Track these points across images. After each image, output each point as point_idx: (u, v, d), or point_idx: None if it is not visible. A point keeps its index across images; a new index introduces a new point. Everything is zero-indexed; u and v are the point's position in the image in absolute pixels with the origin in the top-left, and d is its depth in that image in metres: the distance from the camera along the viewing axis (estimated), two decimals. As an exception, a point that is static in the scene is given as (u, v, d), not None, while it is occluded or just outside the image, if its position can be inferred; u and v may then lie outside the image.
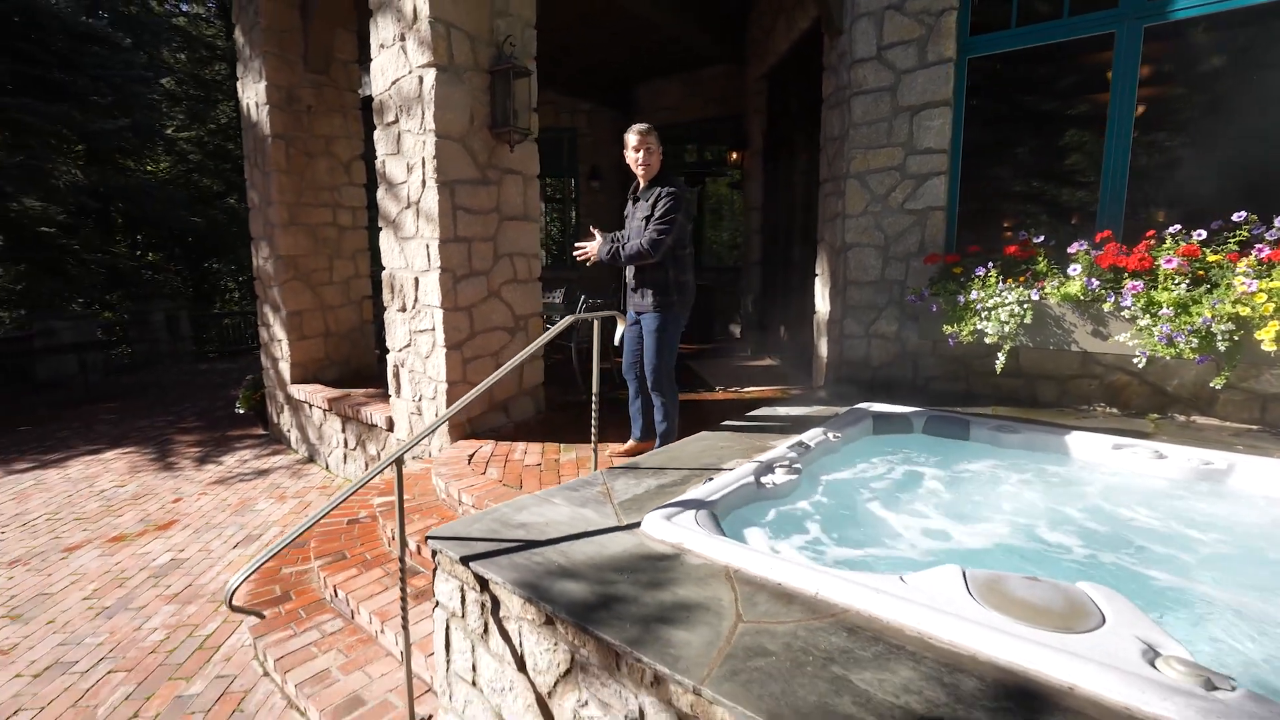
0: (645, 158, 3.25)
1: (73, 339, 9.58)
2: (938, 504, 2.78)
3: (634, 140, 3.25)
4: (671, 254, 3.32)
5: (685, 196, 3.26)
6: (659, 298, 3.32)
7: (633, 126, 3.28)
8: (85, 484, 5.21)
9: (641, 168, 3.29)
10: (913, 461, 3.22)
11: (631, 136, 3.26)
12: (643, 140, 3.24)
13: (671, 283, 3.34)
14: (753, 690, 1.31)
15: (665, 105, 9.05)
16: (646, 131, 3.25)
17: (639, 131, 3.24)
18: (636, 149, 3.26)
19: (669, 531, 2.02)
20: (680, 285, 3.39)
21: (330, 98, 5.74)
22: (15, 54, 10.27)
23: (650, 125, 3.32)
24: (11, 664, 2.86)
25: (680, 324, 3.44)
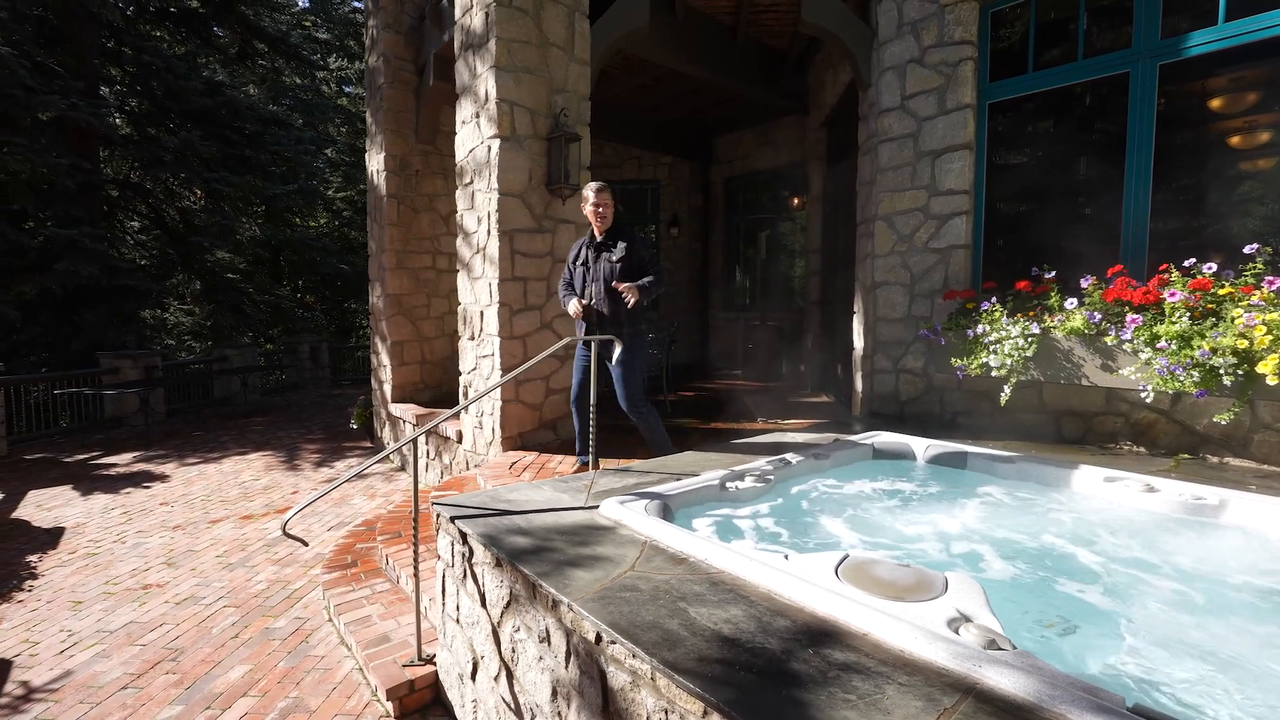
0: (605, 210, 3.70)
1: (239, 364, 11.56)
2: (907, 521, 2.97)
3: (593, 198, 3.70)
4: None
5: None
6: (633, 328, 3.76)
7: (589, 184, 3.74)
8: (232, 476, 6.45)
9: (600, 220, 3.72)
10: (900, 486, 3.39)
11: (590, 194, 3.71)
12: (600, 198, 3.70)
13: (641, 315, 3.82)
14: (609, 609, 1.73)
15: (739, 155, 9.61)
16: (602, 188, 3.71)
17: (596, 190, 3.70)
18: (597, 204, 3.69)
19: (614, 511, 2.46)
20: (645, 317, 3.90)
21: (434, 163, 6.85)
22: (221, 138, 12.83)
23: (605, 184, 3.76)
24: (163, 594, 3.80)
25: (643, 351, 3.83)
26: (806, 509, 3.04)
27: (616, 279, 3.66)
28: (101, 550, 4.60)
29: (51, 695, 2.88)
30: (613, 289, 3.67)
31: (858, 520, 2.95)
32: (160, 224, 13.78)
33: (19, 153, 9.70)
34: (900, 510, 3.13)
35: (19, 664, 3.15)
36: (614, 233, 3.77)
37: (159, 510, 5.49)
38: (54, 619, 3.60)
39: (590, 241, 3.82)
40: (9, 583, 4.10)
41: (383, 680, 2.64)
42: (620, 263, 3.69)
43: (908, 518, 3.02)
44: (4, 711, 2.77)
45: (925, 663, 1.45)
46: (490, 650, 2.26)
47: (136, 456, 7.49)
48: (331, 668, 2.98)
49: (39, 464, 7.25)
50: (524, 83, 4.60)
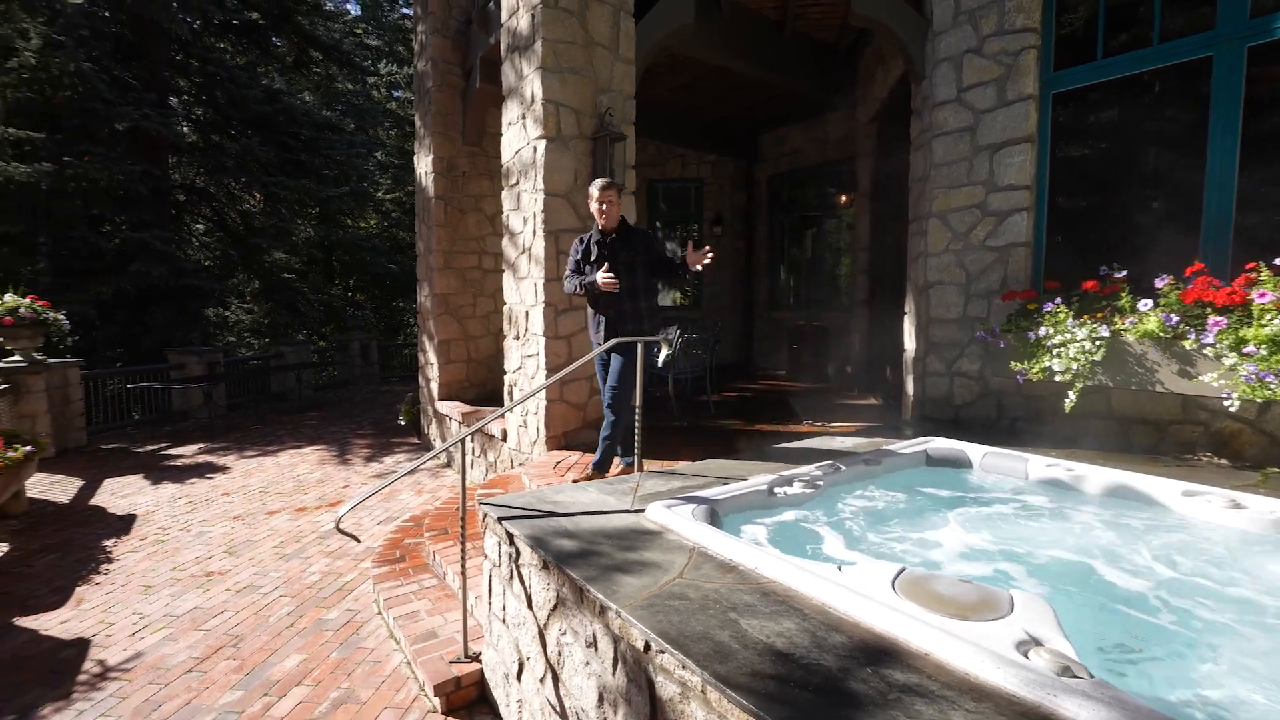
0: (610, 209, 3.62)
1: (295, 361, 12.00)
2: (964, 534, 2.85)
3: (597, 194, 3.61)
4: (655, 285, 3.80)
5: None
6: (650, 323, 3.74)
7: (595, 180, 3.65)
8: (288, 469, 6.69)
9: (605, 218, 3.64)
10: (955, 494, 3.26)
11: (595, 191, 3.61)
12: (605, 194, 3.60)
13: (657, 309, 3.81)
14: (658, 618, 1.70)
15: (786, 152, 9.45)
16: (608, 185, 3.61)
17: (600, 187, 3.60)
18: (602, 201, 3.61)
19: (661, 515, 2.43)
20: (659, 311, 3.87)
21: (480, 164, 6.95)
22: (279, 144, 13.34)
23: (611, 180, 3.67)
24: (224, 582, 3.97)
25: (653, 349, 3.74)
26: (857, 517, 2.95)
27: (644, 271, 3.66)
28: (169, 537, 4.83)
29: (125, 675, 3.02)
30: (637, 286, 3.65)
31: (910, 530, 2.85)
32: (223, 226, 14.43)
33: (98, 161, 10.29)
34: (955, 520, 3.00)
35: (96, 643, 3.32)
36: (625, 229, 3.72)
37: (220, 500, 5.73)
38: (127, 602, 3.79)
39: (601, 239, 3.72)
40: (88, 565, 4.34)
41: (430, 676, 2.68)
42: (643, 257, 3.67)
43: (963, 529, 2.90)
44: (83, 688, 2.93)
45: (994, 688, 1.37)
46: (536, 652, 2.26)
47: (200, 448, 7.85)
48: (381, 660, 3.05)
49: (114, 454, 7.67)
50: (569, 83, 4.61)
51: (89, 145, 10.56)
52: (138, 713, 2.74)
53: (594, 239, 3.77)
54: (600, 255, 3.70)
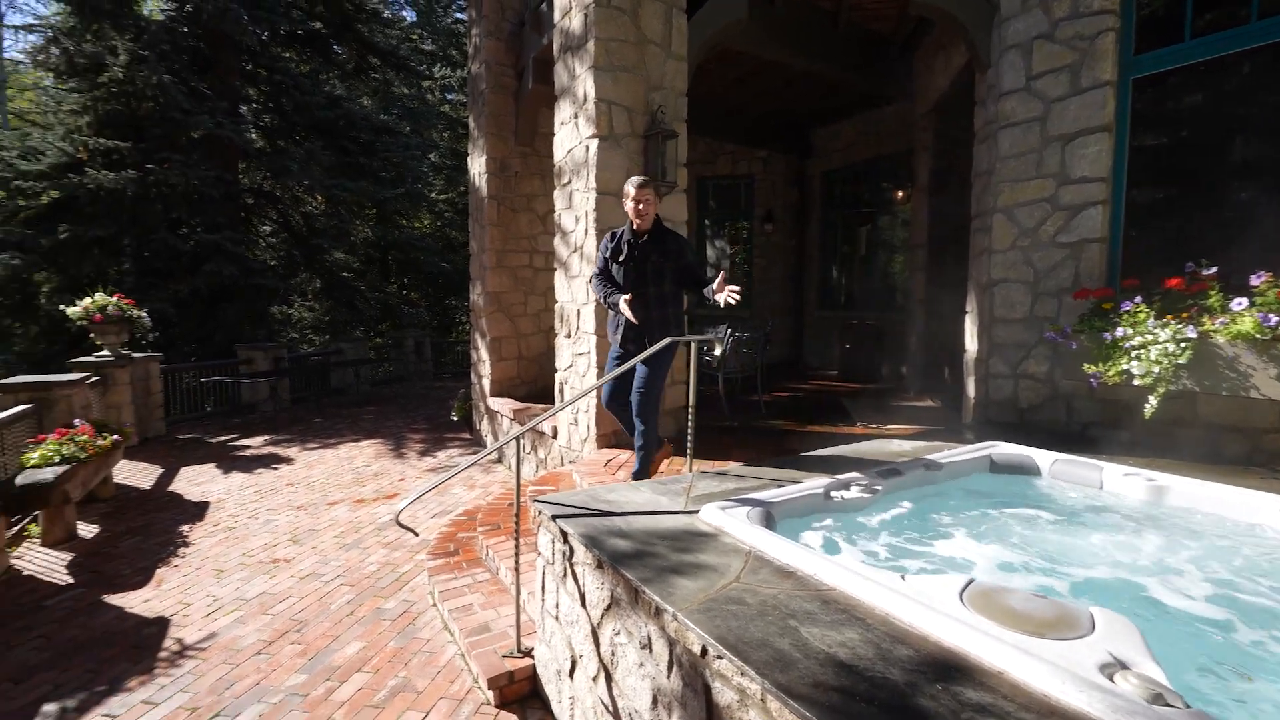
0: (646, 208, 3.47)
1: (353, 357, 12.44)
2: (1032, 545, 2.72)
3: (634, 193, 3.46)
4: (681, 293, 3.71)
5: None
6: (677, 330, 3.64)
7: (631, 178, 3.51)
8: (347, 462, 6.94)
9: (640, 217, 3.50)
10: (1022, 503, 3.11)
11: (631, 189, 3.47)
12: (641, 193, 3.45)
13: (682, 318, 3.72)
14: (715, 622, 1.67)
15: (838, 147, 9.23)
16: (645, 183, 3.47)
17: (638, 185, 3.45)
18: (638, 200, 3.45)
19: (716, 517, 2.40)
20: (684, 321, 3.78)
21: (532, 164, 7.04)
22: (339, 148, 13.85)
23: (647, 179, 3.51)
24: (289, 569, 4.14)
25: (672, 359, 3.66)
26: (917, 523, 2.85)
27: (671, 277, 3.57)
28: (239, 525, 5.08)
29: (201, 654, 3.19)
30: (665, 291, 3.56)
31: (974, 539, 2.74)
32: (287, 227, 15.07)
33: (177, 168, 10.90)
34: (1023, 530, 2.87)
35: (175, 622, 3.52)
36: (659, 232, 3.58)
37: (285, 490, 5.99)
38: (201, 584, 4.00)
39: (634, 239, 3.58)
40: (167, 548, 4.60)
41: (484, 669, 2.73)
42: (671, 260, 3.55)
43: (1031, 540, 2.77)
44: (163, 664, 3.10)
45: (1076, 713, 1.29)
46: (589, 650, 2.27)
47: (266, 440, 8.23)
48: (436, 651, 3.12)
49: (189, 443, 8.12)
50: (622, 81, 4.61)
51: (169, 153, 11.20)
52: (212, 690, 2.88)
53: (625, 237, 3.61)
54: (629, 255, 3.56)
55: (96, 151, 11.01)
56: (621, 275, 3.59)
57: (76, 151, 11.10)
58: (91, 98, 11.22)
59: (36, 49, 12.38)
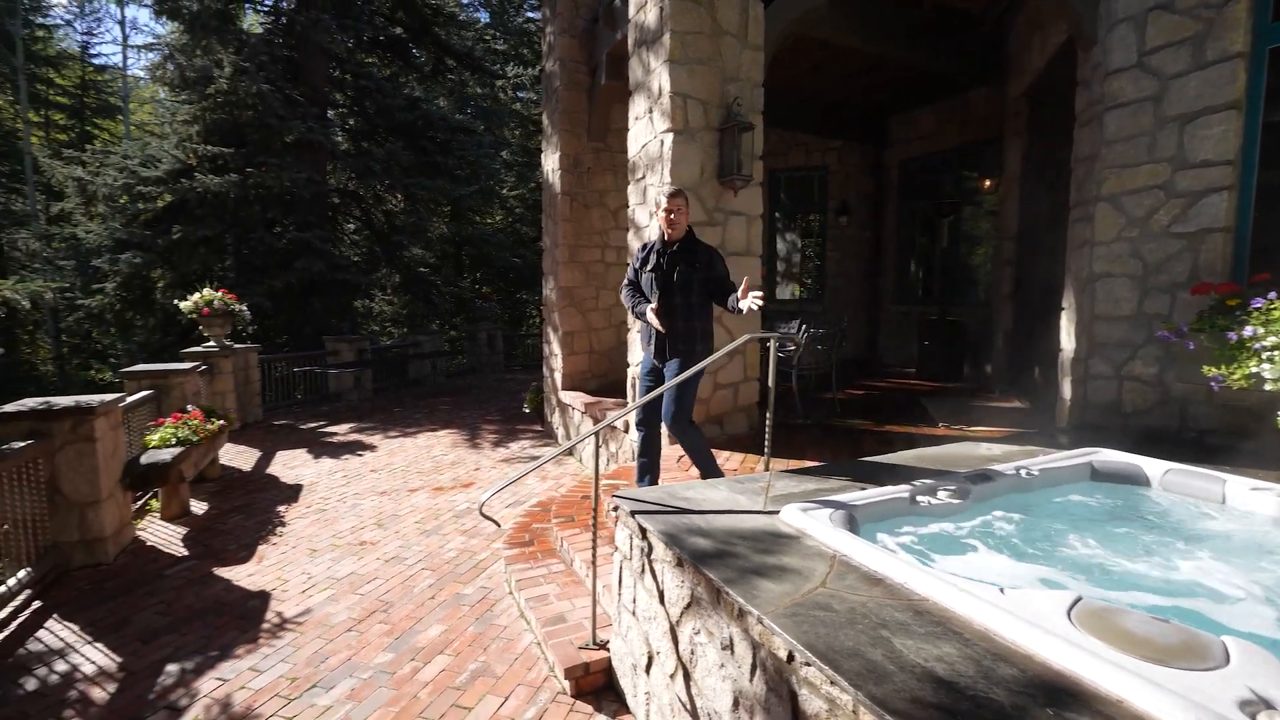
0: (677, 217, 3.45)
1: (430, 349, 12.96)
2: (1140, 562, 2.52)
3: (665, 203, 3.45)
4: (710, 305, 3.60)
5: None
6: (704, 345, 3.56)
7: (663, 190, 3.51)
8: (425, 450, 7.25)
9: (671, 227, 3.47)
10: (1129, 515, 2.89)
11: (662, 199, 3.47)
12: (673, 203, 3.44)
13: (710, 331, 3.62)
14: (802, 627, 1.63)
15: (918, 135, 8.82)
16: (676, 193, 3.45)
17: (669, 195, 3.45)
18: (669, 209, 3.44)
19: (797, 519, 2.35)
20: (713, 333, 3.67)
21: (604, 159, 7.09)
22: (418, 148, 14.42)
23: (679, 189, 3.49)
24: (375, 551, 4.37)
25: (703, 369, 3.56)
26: (1011, 533, 2.70)
27: (699, 290, 3.48)
28: (329, 507, 5.39)
29: (298, 627, 3.41)
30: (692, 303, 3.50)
31: (1074, 552, 2.56)
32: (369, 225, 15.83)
33: (272, 171, 11.64)
34: (1130, 545, 2.66)
35: (275, 596, 3.77)
36: (691, 242, 3.53)
37: (369, 476, 6.31)
38: (297, 562, 4.27)
39: (663, 248, 3.56)
40: (267, 527, 4.95)
41: (560, 659, 2.78)
42: (700, 273, 3.47)
43: (1139, 556, 2.56)
44: (266, 635, 3.33)
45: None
46: (667, 648, 2.27)
47: (352, 428, 8.70)
48: (513, 638, 3.21)
49: (283, 429, 8.69)
50: (697, 74, 4.57)
51: (265, 157, 11.97)
52: (309, 663, 3.07)
53: (655, 247, 3.60)
54: (658, 265, 3.55)
55: (204, 158, 11.91)
56: (650, 285, 3.59)
57: (187, 158, 12.04)
58: (200, 108, 12.13)
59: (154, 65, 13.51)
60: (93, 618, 3.57)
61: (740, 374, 4.99)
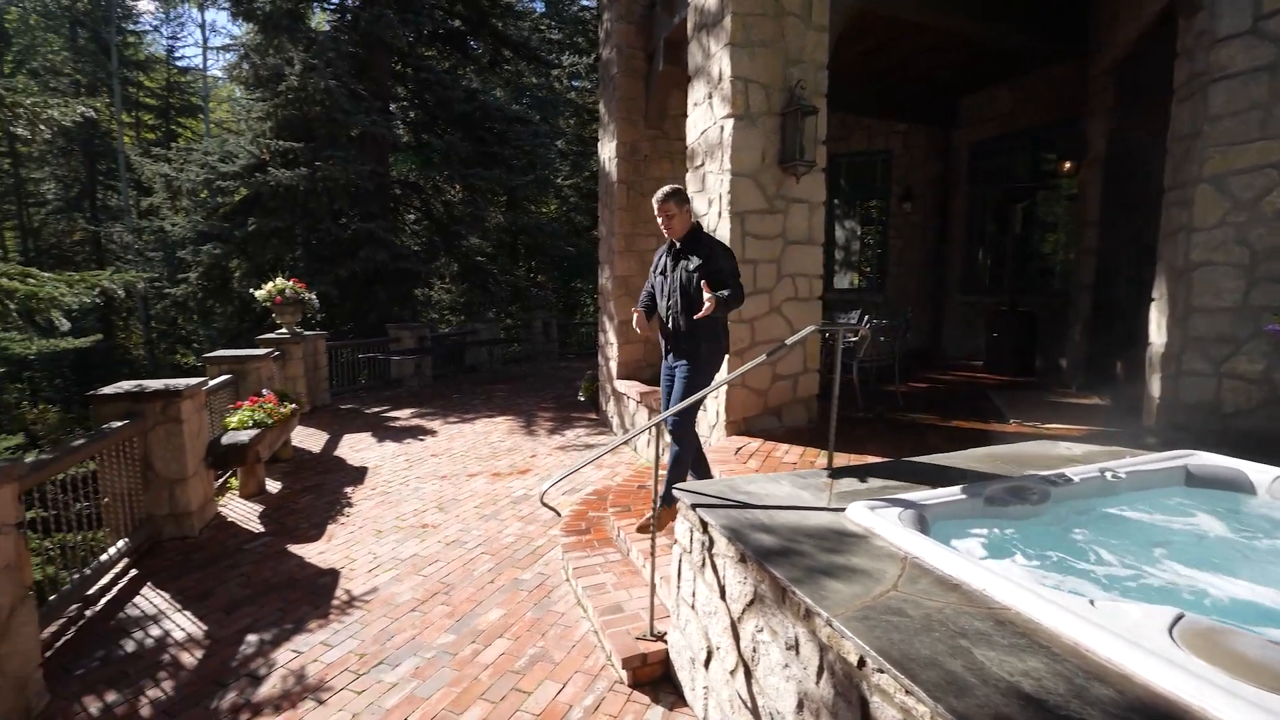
0: (667, 222, 3.40)
1: (487, 337, 13.23)
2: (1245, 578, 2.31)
3: (656, 208, 3.42)
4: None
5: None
6: (709, 345, 3.42)
7: (657, 194, 3.44)
8: (483, 436, 7.42)
9: (667, 230, 3.44)
10: (1230, 526, 2.67)
11: (655, 204, 3.43)
12: (662, 208, 3.38)
13: (721, 332, 3.47)
14: (874, 632, 1.57)
15: (991, 115, 8.37)
16: (664, 200, 3.38)
17: (659, 199, 3.40)
18: (659, 215, 3.41)
19: (865, 517, 2.27)
20: (725, 333, 3.54)
21: (661, 147, 7.02)
22: (476, 138, 14.67)
23: (671, 191, 3.40)
24: (436, 534, 4.50)
25: (719, 368, 3.48)
26: (1094, 540, 2.53)
27: (697, 289, 3.35)
28: (392, 490, 5.58)
29: (365, 605, 3.54)
30: (688, 301, 3.40)
31: (1167, 564, 2.38)
32: (429, 215, 16.24)
33: (338, 164, 12.07)
34: (1231, 559, 2.46)
35: (344, 574, 3.94)
36: (692, 240, 3.47)
37: (430, 461, 6.50)
38: (363, 542, 4.44)
39: (669, 249, 3.56)
40: (335, 507, 5.17)
41: (618, 649, 2.79)
42: (697, 272, 3.37)
43: (1244, 571, 2.36)
44: (336, 611, 3.48)
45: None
46: (727, 644, 2.24)
47: (413, 413, 8.98)
48: (570, 625, 3.24)
49: (349, 413, 9.06)
50: (759, 57, 4.45)
51: (332, 150, 12.42)
52: (376, 640, 3.19)
53: (664, 250, 3.60)
54: (664, 268, 3.55)
55: (276, 152, 12.46)
56: (660, 287, 3.57)
57: (261, 153, 12.62)
58: (273, 105, 12.67)
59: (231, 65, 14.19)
60: (181, 586, 3.81)
61: (800, 365, 4.88)
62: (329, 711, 2.65)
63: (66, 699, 2.78)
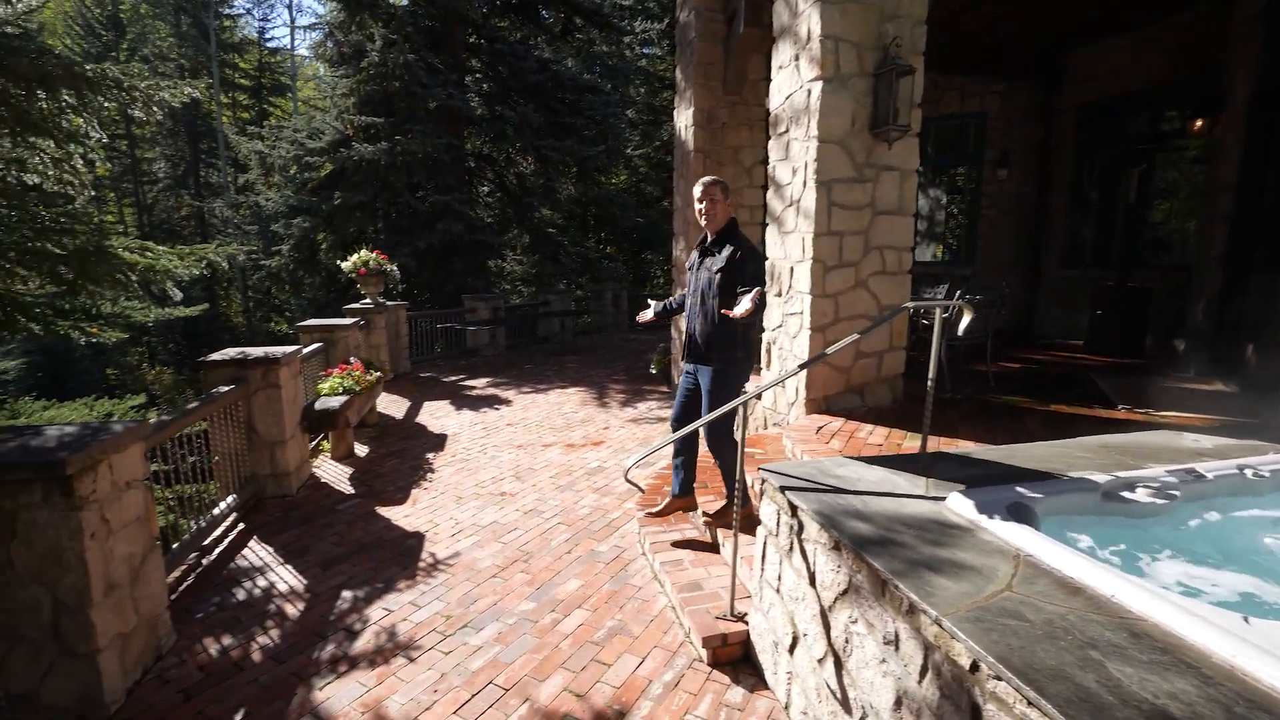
0: (709, 208, 3.22)
1: (558, 308, 13.40)
2: None
3: (698, 193, 3.24)
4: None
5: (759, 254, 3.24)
6: (728, 353, 3.23)
7: (700, 179, 3.29)
8: (556, 407, 7.54)
9: (705, 218, 3.26)
10: (1403, 531, 2.34)
11: (696, 189, 3.26)
12: (706, 191, 3.22)
13: (740, 339, 3.24)
14: (990, 636, 1.46)
15: (1105, 71, 7.59)
16: (711, 184, 3.23)
17: (704, 184, 3.24)
18: (700, 200, 3.23)
19: (968, 508, 2.12)
20: (748, 342, 3.33)
21: (740, 113, 6.77)
22: (548, 109, 14.68)
23: (714, 179, 3.26)
24: (514, 502, 4.63)
25: (743, 381, 3.31)
26: (1233, 545, 2.28)
27: (715, 293, 3.18)
28: (470, 457, 5.77)
29: (449, 569, 3.68)
30: (705, 304, 3.23)
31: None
32: (502, 187, 16.48)
33: (417, 138, 12.37)
34: None
35: (428, 538, 4.10)
36: (723, 237, 3.26)
37: (506, 430, 6.67)
38: (445, 508, 4.61)
39: (700, 244, 3.41)
40: (418, 472, 5.39)
41: (697, 627, 2.77)
42: (720, 274, 3.17)
43: None
44: (422, 573, 3.63)
45: None
46: (816, 632, 2.16)
47: (488, 382, 9.24)
48: (648, 600, 3.25)
49: (428, 381, 9.42)
50: (850, 14, 4.16)
51: (410, 124, 12.73)
52: (460, 603, 3.31)
53: (698, 244, 3.46)
54: (694, 265, 3.42)
55: (359, 128, 12.89)
56: (690, 285, 3.44)
57: (345, 129, 13.09)
58: (355, 81, 13.07)
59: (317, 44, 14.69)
60: (283, 542, 4.08)
61: (885, 342, 4.65)
62: (419, 669, 2.77)
63: (189, 639, 3.04)
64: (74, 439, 2.53)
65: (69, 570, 2.42)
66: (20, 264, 3.84)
